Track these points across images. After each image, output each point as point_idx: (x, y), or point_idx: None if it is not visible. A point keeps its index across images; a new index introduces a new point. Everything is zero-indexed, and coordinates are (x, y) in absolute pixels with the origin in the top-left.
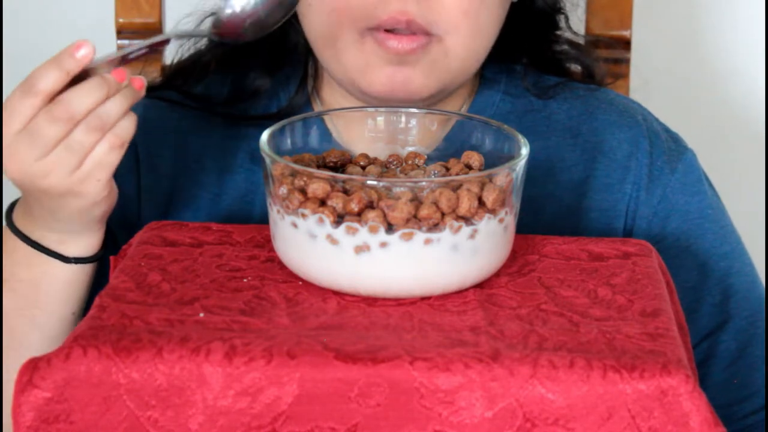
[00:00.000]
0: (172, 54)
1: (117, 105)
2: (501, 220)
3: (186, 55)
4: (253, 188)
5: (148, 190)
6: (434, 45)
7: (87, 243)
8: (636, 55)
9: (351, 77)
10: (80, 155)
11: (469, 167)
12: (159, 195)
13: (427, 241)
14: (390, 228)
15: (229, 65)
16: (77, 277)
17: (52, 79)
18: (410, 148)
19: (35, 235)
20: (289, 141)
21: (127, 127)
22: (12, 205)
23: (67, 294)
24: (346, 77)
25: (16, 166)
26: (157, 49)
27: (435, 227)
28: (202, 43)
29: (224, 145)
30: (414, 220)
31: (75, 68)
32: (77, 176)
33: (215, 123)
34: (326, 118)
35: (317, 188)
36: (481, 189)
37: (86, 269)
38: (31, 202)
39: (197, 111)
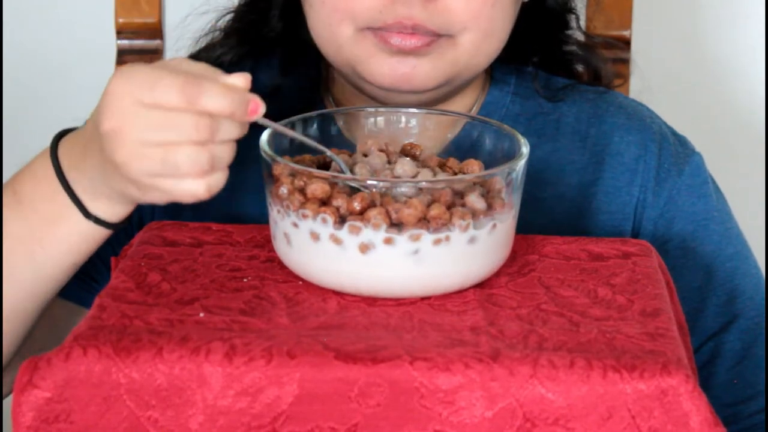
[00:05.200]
0: (172, 53)
1: (232, 129)
2: (502, 220)
3: (196, 50)
4: None
5: None
6: (442, 40)
7: (117, 210)
8: (636, 55)
9: (354, 69)
10: (169, 172)
11: (462, 173)
12: None
13: (437, 242)
14: (395, 227)
15: (245, 63)
16: (91, 233)
17: (218, 106)
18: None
19: (70, 175)
20: (289, 141)
21: (219, 177)
22: (62, 133)
23: (74, 244)
24: (349, 70)
25: (117, 123)
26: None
27: (443, 227)
28: (213, 37)
29: (240, 141)
30: (422, 220)
31: (240, 117)
32: (153, 181)
33: None
34: (336, 118)
35: (316, 189)
36: (483, 189)
37: (100, 232)
38: (89, 150)
39: None
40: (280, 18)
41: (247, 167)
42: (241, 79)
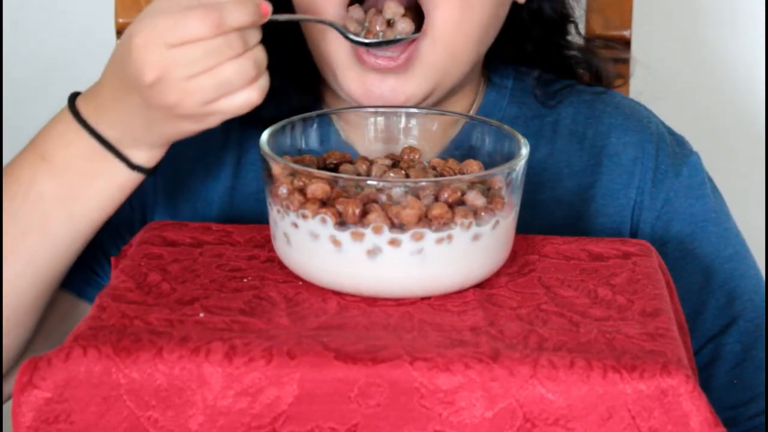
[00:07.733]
0: None
1: (256, 33)
2: (503, 220)
3: None
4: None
5: (162, 177)
6: (421, 44)
7: (154, 154)
8: (636, 55)
9: (334, 75)
10: (223, 92)
11: (462, 173)
12: (172, 186)
13: (439, 240)
14: (395, 228)
15: None
16: (129, 183)
17: (242, 21)
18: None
19: (105, 132)
20: (289, 141)
21: (265, 79)
22: (74, 95)
23: (113, 197)
24: (330, 75)
25: (159, 72)
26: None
27: (445, 226)
28: None
29: (240, 141)
30: (424, 219)
31: (259, 22)
32: (208, 108)
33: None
34: (334, 119)
35: (316, 189)
36: (483, 188)
37: (138, 179)
38: (119, 103)
39: None
40: None
41: (246, 169)
42: None
